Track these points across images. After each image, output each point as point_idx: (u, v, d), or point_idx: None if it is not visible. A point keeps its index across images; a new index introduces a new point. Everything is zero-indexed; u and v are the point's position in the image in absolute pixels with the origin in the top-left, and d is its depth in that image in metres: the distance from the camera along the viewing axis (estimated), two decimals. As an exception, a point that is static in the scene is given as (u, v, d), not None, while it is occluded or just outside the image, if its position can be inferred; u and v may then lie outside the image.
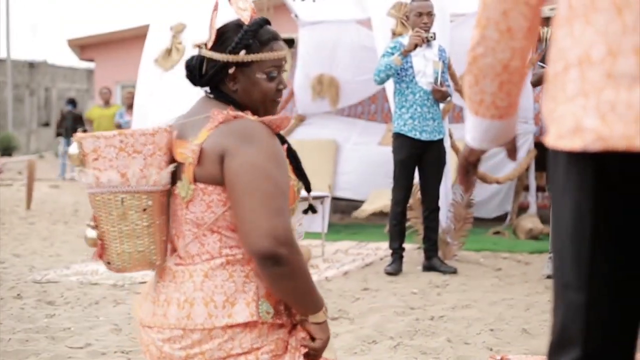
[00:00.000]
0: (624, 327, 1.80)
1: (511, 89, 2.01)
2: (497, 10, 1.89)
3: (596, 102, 1.60)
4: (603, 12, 1.63)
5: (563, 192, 1.78)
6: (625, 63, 1.58)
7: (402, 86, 7.15)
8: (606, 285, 1.76)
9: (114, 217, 2.46)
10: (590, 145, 1.60)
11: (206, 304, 2.37)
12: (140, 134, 2.45)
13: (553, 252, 1.85)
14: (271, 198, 2.31)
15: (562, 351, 1.82)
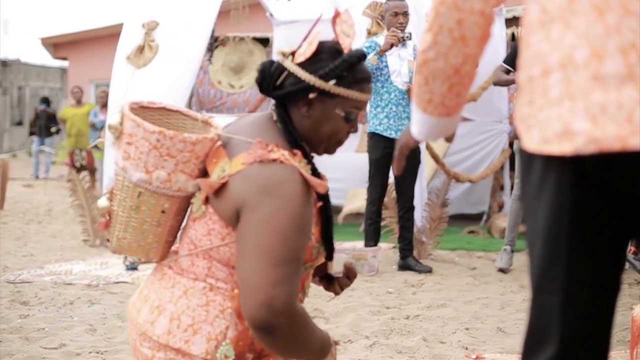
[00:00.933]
0: (598, 326, 1.82)
1: (461, 90, 2.03)
2: (452, 19, 1.90)
3: (585, 105, 1.60)
4: (583, 15, 1.63)
5: (539, 195, 1.79)
6: (612, 64, 1.58)
7: (377, 85, 7.16)
8: (581, 286, 1.78)
9: (126, 204, 2.38)
10: (583, 148, 1.60)
11: (171, 320, 2.28)
12: (180, 140, 2.30)
13: (529, 253, 1.86)
14: (280, 264, 2.14)
15: (537, 350, 1.84)
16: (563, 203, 1.73)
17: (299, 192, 2.19)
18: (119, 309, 5.59)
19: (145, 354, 2.33)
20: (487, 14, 1.91)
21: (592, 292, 1.79)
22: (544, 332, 1.83)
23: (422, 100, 2.07)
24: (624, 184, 1.68)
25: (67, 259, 7.90)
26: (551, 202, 1.75)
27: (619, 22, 1.58)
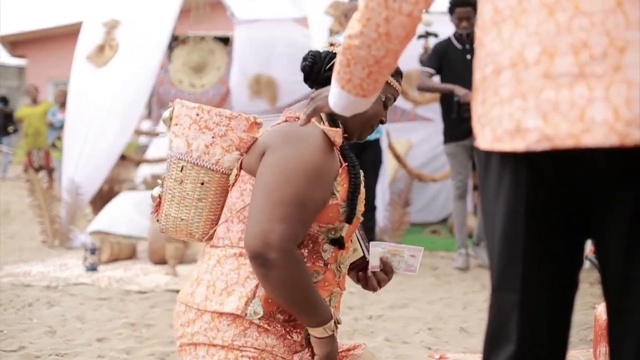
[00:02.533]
0: (557, 324, 1.84)
1: (379, 77, 2.07)
2: (380, 15, 1.92)
3: (536, 103, 1.62)
4: (533, 14, 1.66)
5: (496, 194, 1.81)
6: (564, 62, 1.60)
7: (339, 85, 7.14)
8: (538, 284, 1.80)
9: (172, 180, 2.58)
10: (534, 146, 1.62)
11: (208, 287, 2.43)
12: (216, 113, 2.54)
13: (488, 251, 1.88)
14: (281, 204, 2.28)
15: (497, 348, 1.86)
16: (518, 201, 1.76)
17: (318, 144, 2.36)
18: (78, 310, 5.53)
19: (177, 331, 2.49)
20: (414, 16, 1.93)
21: (550, 290, 1.81)
22: (503, 330, 1.84)
23: (342, 78, 2.10)
24: (576, 182, 1.70)
25: (25, 260, 7.80)
26: (507, 200, 1.78)
27: (570, 21, 1.61)
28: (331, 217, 2.40)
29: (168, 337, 4.80)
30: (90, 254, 7.09)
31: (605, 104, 1.55)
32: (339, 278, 2.51)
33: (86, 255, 7.11)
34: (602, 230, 1.74)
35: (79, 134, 8.55)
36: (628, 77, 1.55)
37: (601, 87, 1.56)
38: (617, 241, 1.71)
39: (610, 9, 1.58)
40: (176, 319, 2.50)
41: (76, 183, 8.46)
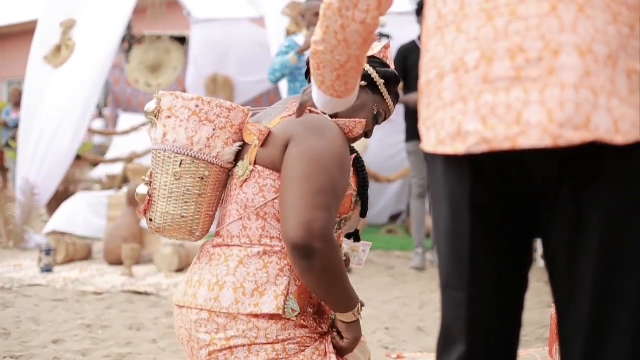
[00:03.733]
0: (506, 323, 1.87)
1: (348, 80, 2.14)
2: (337, 23, 1.99)
3: (475, 106, 1.66)
4: (473, 19, 1.70)
5: (442, 194, 1.84)
6: (501, 66, 1.64)
7: (296, 85, 7.14)
8: (486, 283, 1.83)
9: (169, 176, 2.48)
10: (473, 148, 1.66)
11: (235, 290, 2.35)
12: (217, 105, 2.48)
13: (437, 252, 1.90)
14: (320, 192, 2.27)
15: (448, 349, 1.88)
16: (463, 201, 1.79)
17: (340, 136, 2.39)
18: (33, 312, 5.48)
19: (202, 340, 2.38)
20: (367, 23, 1.98)
21: (498, 289, 1.84)
22: (453, 330, 1.87)
23: (317, 80, 2.18)
24: (520, 182, 1.74)
25: (-21, 261, 7.71)
26: (453, 200, 1.81)
27: (507, 26, 1.65)
28: (346, 207, 2.44)
29: (124, 339, 4.77)
30: (46, 254, 7.02)
31: (540, 106, 1.59)
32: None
33: (41, 256, 7.04)
34: (547, 230, 1.77)
35: (33, 134, 8.49)
36: (562, 79, 1.59)
37: (536, 90, 1.60)
38: (561, 240, 1.74)
39: (545, 14, 1.63)
40: (195, 328, 2.40)
41: (31, 183, 8.39)
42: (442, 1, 1.79)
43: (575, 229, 1.70)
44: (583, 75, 1.59)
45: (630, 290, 1.68)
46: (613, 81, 1.60)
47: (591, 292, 1.70)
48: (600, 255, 1.68)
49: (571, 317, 1.75)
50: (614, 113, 1.58)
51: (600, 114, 1.58)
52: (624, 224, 1.67)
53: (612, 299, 1.68)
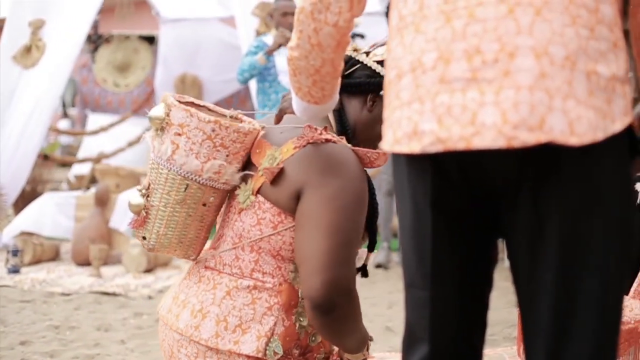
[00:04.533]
0: (469, 322, 1.88)
1: (324, 85, 2.14)
2: (309, 27, 2.00)
3: (432, 106, 1.67)
4: (432, 20, 1.71)
5: (405, 193, 1.85)
6: (458, 67, 1.66)
7: (265, 85, 7.14)
8: (449, 283, 1.84)
9: (170, 198, 2.33)
10: (429, 148, 1.67)
11: (217, 322, 2.25)
12: (234, 130, 2.30)
13: (401, 251, 1.91)
14: (345, 245, 2.16)
15: (412, 348, 1.89)
16: (425, 200, 1.80)
17: (359, 170, 2.25)
18: (0, 313, 5.43)
19: (188, 355, 2.30)
20: (339, 25, 1.99)
21: (461, 288, 1.85)
22: (417, 329, 1.88)
23: (294, 86, 2.18)
24: (481, 183, 1.76)
25: (-55, 262, 7.64)
26: (415, 199, 1.82)
27: (465, 28, 1.67)
28: None
29: (92, 340, 4.75)
30: (12, 255, 6.96)
31: (495, 108, 1.61)
32: None
33: (8, 257, 6.98)
34: (509, 231, 1.79)
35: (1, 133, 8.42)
36: (517, 81, 1.61)
37: (491, 91, 1.62)
38: (522, 241, 1.76)
39: (502, 16, 1.64)
40: (178, 348, 2.32)
41: None
42: (402, 2, 1.80)
43: (535, 230, 1.72)
44: (538, 77, 1.61)
45: (590, 291, 1.70)
46: (570, 83, 1.61)
47: (552, 293, 1.72)
48: (559, 256, 1.70)
49: (534, 318, 1.77)
50: (569, 114, 1.60)
51: (555, 116, 1.60)
52: (581, 226, 1.69)
53: (573, 299, 1.70)
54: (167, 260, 7.37)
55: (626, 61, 1.71)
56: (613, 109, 1.65)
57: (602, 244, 1.70)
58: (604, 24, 1.67)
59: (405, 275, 1.90)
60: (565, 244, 1.69)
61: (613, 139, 1.65)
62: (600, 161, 1.67)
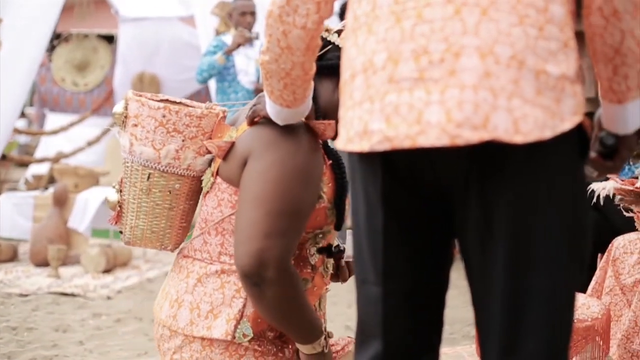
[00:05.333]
0: (423, 319, 1.90)
1: (295, 89, 2.15)
2: (278, 30, 2.03)
3: (381, 106, 1.69)
4: (383, 21, 1.73)
5: (358, 190, 1.87)
6: (406, 67, 1.68)
7: (224, 85, 7.13)
8: (401, 279, 1.85)
9: (137, 189, 2.37)
10: (377, 146, 1.69)
11: (192, 310, 2.28)
12: (185, 114, 2.34)
13: (354, 247, 1.93)
14: (277, 216, 2.15)
15: (365, 345, 1.91)
16: (376, 197, 1.82)
17: (305, 144, 2.24)
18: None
19: (164, 355, 2.33)
20: (308, 27, 2.01)
21: (414, 286, 1.87)
22: (370, 325, 1.89)
23: (267, 90, 2.19)
24: (430, 182, 1.78)
25: None
26: (367, 196, 1.84)
27: (413, 28, 1.69)
28: (319, 220, 2.31)
29: (50, 341, 4.72)
30: (-31, 256, 6.90)
31: (440, 106, 1.63)
32: (326, 277, 2.45)
33: (-35, 258, 6.92)
34: (460, 230, 1.81)
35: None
36: (462, 81, 1.63)
37: (437, 91, 1.64)
38: (473, 241, 1.78)
39: (449, 17, 1.67)
40: (162, 341, 2.35)
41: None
42: (357, 3, 1.81)
43: (484, 229, 1.74)
44: (482, 76, 1.63)
45: (539, 288, 1.71)
46: (517, 82, 1.63)
47: (502, 291, 1.73)
48: (508, 255, 1.71)
49: (486, 316, 1.79)
50: (514, 113, 1.62)
51: (499, 114, 1.61)
52: (528, 224, 1.70)
53: (523, 297, 1.72)
54: (126, 260, 7.33)
55: (577, 60, 1.73)
56: (562, 108, 1.66)
57: (550, 242, 1.72)
58: (554, 24, 1.69)
59: (358, 271, 1.92)
60: (512, 242, 1.71)
61: (562, 137, 1.67)
62: (548, 159, 1.69)
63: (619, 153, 1.95)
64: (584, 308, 3.29)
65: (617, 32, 1.78)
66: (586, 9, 1.79)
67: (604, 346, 3.31)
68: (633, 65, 1.81)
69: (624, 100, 1.87)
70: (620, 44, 1.79)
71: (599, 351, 3.31)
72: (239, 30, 6.99)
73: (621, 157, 1.96)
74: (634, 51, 1.79)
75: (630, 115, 1.89)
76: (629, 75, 1.83)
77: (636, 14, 1.76)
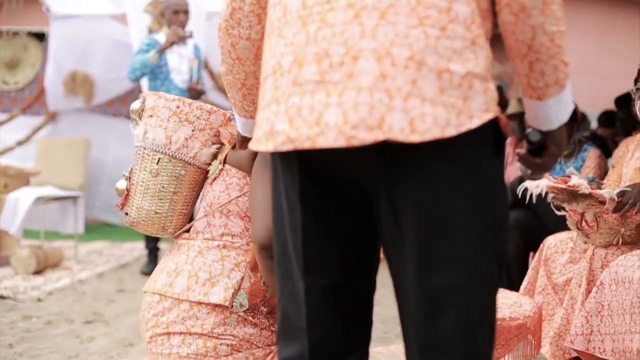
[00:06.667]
0: (346, 316, 1.91)
1: (253, 99, 2.22)
2: (227, 42, 2.13)
3: (285, 107, 1.74)
4: (291, 25, 1.78)
5: (279, 188, 1.91)
6: (309, 70, 1.72)
7: (157, 83, 7.06)
8: (322, 274, 1.88)
9: (146, 172, 2.59)
10: (280, 147, 1.73)
11: (189, 277, 2.46)
12: (197, 107, 2.61)
13: (276, 242, 1.95)
14: None
15: (289, 341, 1.92)
16: (295, 195, 1.86)
17: None
18: None
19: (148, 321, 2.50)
20: (253, 38, 2.10)
21: (338, 283, 1.89)
22: (295, 321, 1.91)
23: (231, 103, 2.30)
24: (342, 180, 1.81)
25: None
26: (287, 194, 1.88)
27: (317, 32, 1.73)
28: None
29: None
30: None
31: (338, 108, 1.67)
32: None
33: None
34: (379, 231, 1.84)
35: None
36: (359, 83, 1.67)
37: (336, 93, 1.68)
38: (387, 241, 1.82)
39: (348, 21, 1.71)
40: (148, 309, 2.50)
41: None
42: (272, 8, 1.87)
43: (394, 230, 1.77)
44: (379, 78, 1.66)
45: (454, 287, 1.73)
46: (415, 82, 1.66)
47: (416, 292, 1.76)
48: (417, 255, 1.74)
49: (407, 317, 1.81)
50: (410, 113, 1.65)
51: (395, 115, 1.65)
52: (436, 222, 1.73)
53: (438, 297, 1.74)
54: (57, 262, 7.24)
55: (488, 58, 1.76)
56: (470, 105, 1.69)
57: (460, 239, 1.74)
58: (458, 23, 1.72)
59: (284, 267, 1.93)
60: (422, 244, 1.74)
61: (473, 134, 1.69)
62: (457, 157, 1.72)
63: (547, 149, 1.98)
64: (517, 306, 3.32)
65: (528, 29, 1.81)
66: (497, 6, 1.83)
67: (535, 343, 3.35)
68: (548, 61, 1.85)
69: (543, 97, 1.90)
70: (532, 40, 1.82)
71: (531, 349, 3.34)
72: (172, 29, 6.94)
73: (550, 154, 1.98)
74: (548, 47, 1.83)
75: (552, 111, 1.93)
76: (545, 72, 1.86)
77: (545, 9, 1.80)
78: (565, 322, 3.85)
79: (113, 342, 4.78)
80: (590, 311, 3.46)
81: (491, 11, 1.85)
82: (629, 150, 4.13)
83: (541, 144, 1.98)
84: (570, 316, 3.82)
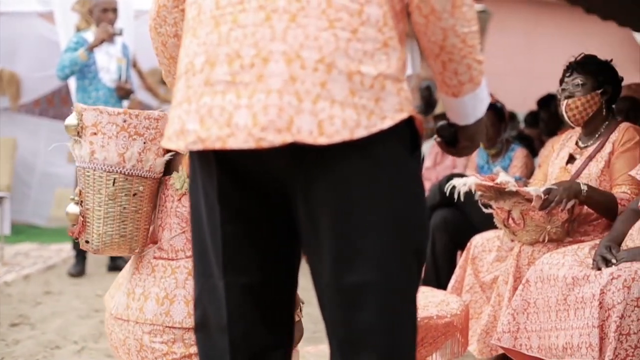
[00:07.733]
0: (267, 315, 1.92)
1: None
2: (158, 41, 2.15)
3: (196, 107, 1.74)
4: (205, 25, 1.79)
5: (198, 187, 1.90)
6: (220, 71, 1.73)
7: (85, 82, 6.97)
8: (242, 273, 1.88)
9: (102, 196, 2.42)
10: (191, 146, 1.74)
11: (186, 303, 2.36)
12: (145, 117, 2.45)
13: (195, 239, 1.94)
14: None
15: (210, 339, 1.92)
16: (213, 194, 1.86)
17: None
18: None
19: (158, 350, 2.39)
20: (179, 35, 2.09)
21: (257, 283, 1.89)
22: (214, 319, 1.90)
23: None
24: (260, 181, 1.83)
25: None
26: (206, 193, 1.87)
27: (229, 33, 1.74)
28: None
29: None
30: None
31: (248, 110, 1.68)
32: None
33: None
34: (299, 231, 1.84)
35: None
36: (268, 85, 1.68)
37: (246, 95, 1.69)
38: (305, 242, 1.83)
39: (260, 22, 1.72)
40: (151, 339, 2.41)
41: None
42: (189, 7, 1.87)
43: (311, 229, 1.78)
44: (288, 81, 1.67)
45: (366, 284, 1.74)
46: (324, 85, 1.67)
47: (333, 291, 1.77)
48: (332, 254, 1.75)
49: (328, 316, 1.82)
50: (319, 115, 1.66)
51: (303, 117, 1.66)
52: (348, 221, 1.73)
53: (352, 295, 1.75)
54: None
55: (401, 59, 1.78)
56: (383, 106, 1.70)
57: (373, 238, 1.74)
58: (370, 25, 1.73)
59: (204, 266, 1.92)
60: (334, 245, 1.74)
61: (387, 134, 1.71)
62: (370, 157, 1.73)
63: (459, 142, 2.04)
64: (444, 305, 3.34)
65: (439, 31, 1.83)
66: (409, 7, 1.85)
67: (463, 341, 3.38)
68: (460, 61, 1.87)
69: (458, 94, 1.93)
70: (444, 42, 1.85)
71: (459, 346, 3.37)
72: (102, 26, 6.86)
73: (462, 147, 2.05)
74: (460, 47, 1.85)
75: (467, 107, 1.97)
76: (459, 71, 1.89)
77: (454, 12, 1.82)
78: (492, 319, 3.89)
79: (39, 345, 4.71)
80: (516, 309, 3.50)
81: (405, 12, 1.86)
82: (555, 149, 4.19)
83: (453, 137, 2.05)
84: (497, 314, 3.86)
